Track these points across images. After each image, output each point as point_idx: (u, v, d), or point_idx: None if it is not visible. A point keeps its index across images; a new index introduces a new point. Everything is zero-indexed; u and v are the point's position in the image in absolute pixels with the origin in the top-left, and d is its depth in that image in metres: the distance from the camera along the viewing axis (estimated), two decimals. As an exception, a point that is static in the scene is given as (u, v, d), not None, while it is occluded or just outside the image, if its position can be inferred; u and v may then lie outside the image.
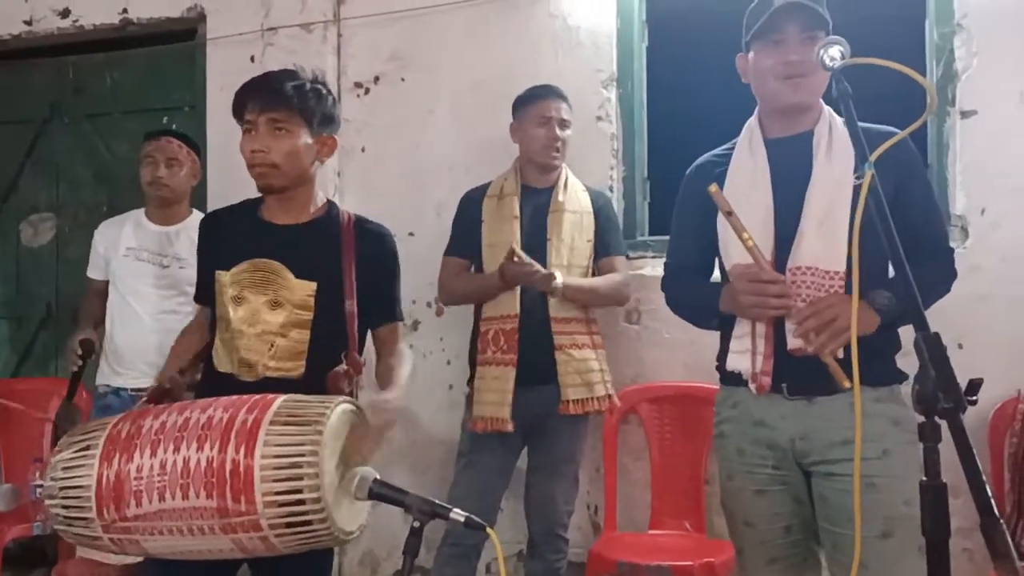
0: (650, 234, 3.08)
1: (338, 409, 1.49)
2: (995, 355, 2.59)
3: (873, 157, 1.33)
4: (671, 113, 3.26)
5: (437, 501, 1.46)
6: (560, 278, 2.52)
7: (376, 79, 3.26)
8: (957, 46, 2.69)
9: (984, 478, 0.99)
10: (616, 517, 2.86)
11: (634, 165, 3.07)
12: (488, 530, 1.43)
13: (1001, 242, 2.63)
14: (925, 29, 2.77)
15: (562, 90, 2.71)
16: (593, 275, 2.67)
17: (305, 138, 1.78)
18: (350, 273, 1.78)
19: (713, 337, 1.94)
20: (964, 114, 2.67)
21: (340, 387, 1.61)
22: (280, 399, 1.49)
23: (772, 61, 1.80)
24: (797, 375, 1.75)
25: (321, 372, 1.68)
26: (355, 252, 1.81)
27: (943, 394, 1.04)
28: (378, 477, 1.50)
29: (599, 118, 3.03)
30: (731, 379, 1.86)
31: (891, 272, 1.87)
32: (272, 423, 1.42)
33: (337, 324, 1.77)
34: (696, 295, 1.95)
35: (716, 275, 1.95)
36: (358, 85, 3.28)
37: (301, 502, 1.39)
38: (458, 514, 1.45)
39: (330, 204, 1.92)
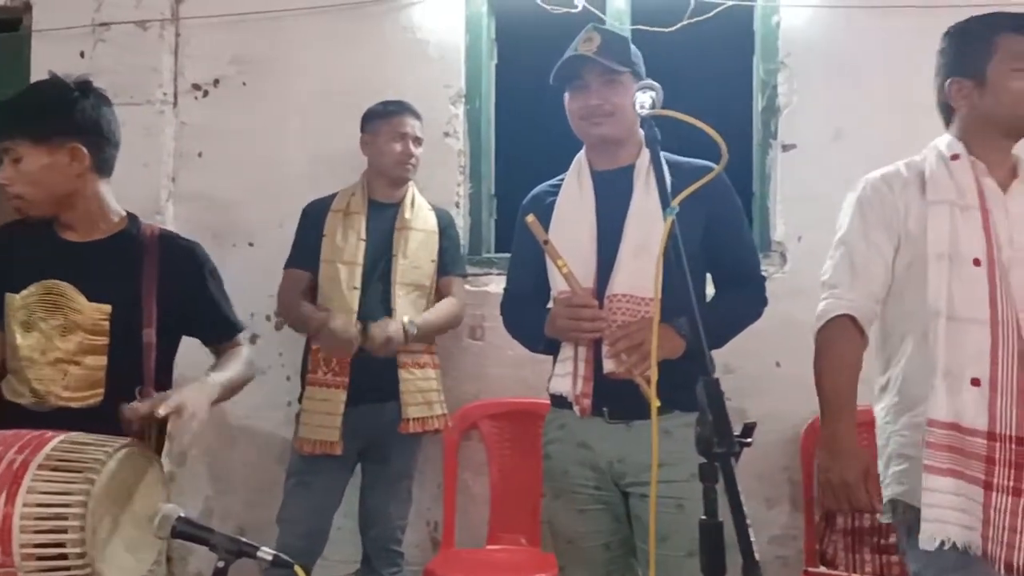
0: (496, 252, 3.11)
1: (119, 455, 1.41)
2: (810, 373, 2.76)
3: (675, 202, 1.39)
4: (519, 131, 3.31)
5: (244, 539, 1.42)
6: (407, 320, 2.52)
7: (216, 82, 3.15)
8: (780, 82, 2.85)
9: (748, 523, 1.05)
10: (455, 533, 2.87)
11: (481, 182, 3.09)
12: (296, 568, 1.41)
13: (816, 268, 2.78)
14: (753, 64, 2.93)
15: (415, 107, 2.71)
16: (434, 294, 2.68)
17: (41, 158, 1.65)
18: (150, 298, 1.67)
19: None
20: (785, 147, 2.84)
21: (131, 426, 1.52)
22: (56, 439, 1.39)
23: (577, 104, 1.90)
24: (617, 400, 1.82)
25: (124, 402, 1.59)
26: (159, 271, 1.71)
27: (717, 439, 1.10)
28: (183, 515, 1.44)
29: (447, 134, 3.04)
30: (559, 402, 1.93)
31: (708, 297, 2.00)
32: (40, 467, 1.33)
33: (140, 350, 1.68)
34: (527, 320, 2.01)
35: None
36: (196, 87, 3.15)
37: (63, 556, 1.31)
38: (266, 552, 1.41)
39: (131, 218, 1.80)
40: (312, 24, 3.09)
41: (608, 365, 1.79)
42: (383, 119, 2.67)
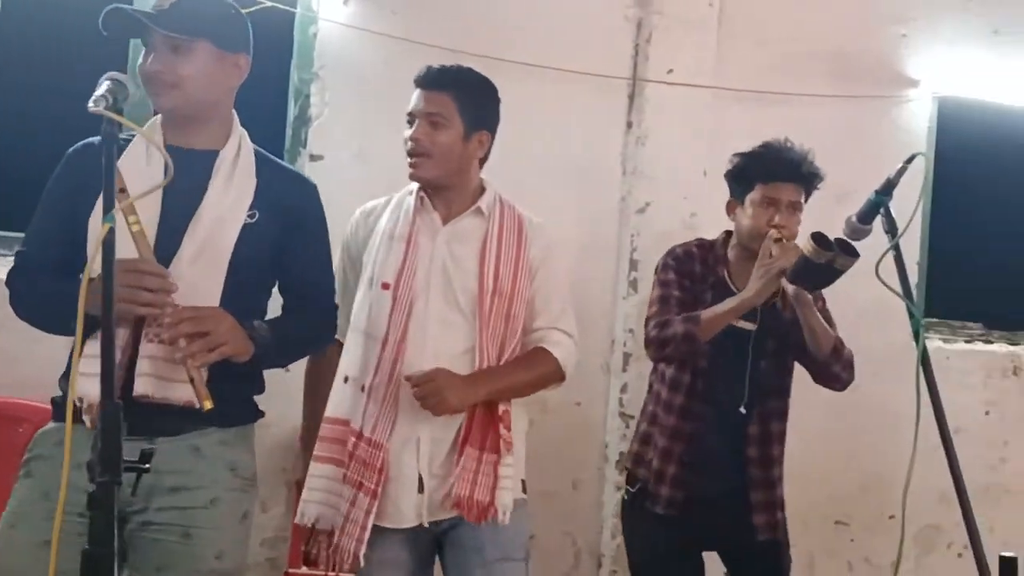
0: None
1: None
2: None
3: (118, 208, 1.31)
4: (26, 87, 2.89)
5: None
6: None
7: None
8: (313, 93, 2.89)
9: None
10: None
11: (-32, 144, 2.66)
12: None
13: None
14: (290, 70, 2.92)
15: None
16: None
17: None
18: None
19: (52, 349, 1.72)
20: (313, 157, 2.89)
21: None
22: None
23: (141, 67, 1.68)
24: (142, 413, 1.55)
25: None
26: None
27: (101, 466, 1.08)
28: None
29: (-79, 82, 2.55)
30: (63, 413, 1.53)
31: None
32: None
33: None
34: (51, 290, 1.66)
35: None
36: None
37: None
38: None
39: None
40: None
41: (141, 388, 1.59)
42: None
